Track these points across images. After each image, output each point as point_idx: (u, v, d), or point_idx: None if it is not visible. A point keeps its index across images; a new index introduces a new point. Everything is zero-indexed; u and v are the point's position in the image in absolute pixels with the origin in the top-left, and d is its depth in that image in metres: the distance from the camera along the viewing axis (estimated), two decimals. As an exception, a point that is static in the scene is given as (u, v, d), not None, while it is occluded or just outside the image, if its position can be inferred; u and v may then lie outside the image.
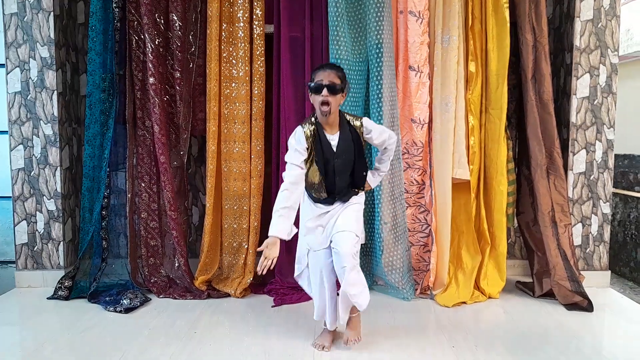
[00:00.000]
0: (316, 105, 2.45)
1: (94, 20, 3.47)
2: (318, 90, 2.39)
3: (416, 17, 3.38)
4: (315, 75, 2.44)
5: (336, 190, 2.56)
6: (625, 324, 3.08)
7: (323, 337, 2.70)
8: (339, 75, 2.44)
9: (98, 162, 3.55)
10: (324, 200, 2.59)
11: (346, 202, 2.62)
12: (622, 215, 4.83)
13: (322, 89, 2.38)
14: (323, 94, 2.38)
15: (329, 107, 2.41)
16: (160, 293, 3.45)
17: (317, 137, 2.48)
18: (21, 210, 3.64)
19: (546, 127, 3.46)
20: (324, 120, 2.48)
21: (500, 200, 3.47)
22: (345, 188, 2.59)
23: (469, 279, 3.44)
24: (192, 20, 3.56)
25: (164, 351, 2.62)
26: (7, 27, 3.55)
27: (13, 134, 3.60)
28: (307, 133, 2.47)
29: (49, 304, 3.34)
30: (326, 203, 2.60)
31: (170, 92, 3.59)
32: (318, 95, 2.40)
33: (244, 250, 3.63)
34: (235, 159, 3.59)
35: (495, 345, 2.73)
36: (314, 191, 2.59)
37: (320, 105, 2.41)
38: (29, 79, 3.57)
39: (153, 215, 3.62)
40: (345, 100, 3.32)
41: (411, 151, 3.49)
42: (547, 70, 3.44)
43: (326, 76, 2.40)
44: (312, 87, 2.42)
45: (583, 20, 3.58)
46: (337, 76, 2.43)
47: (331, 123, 2.51)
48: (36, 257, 3.66)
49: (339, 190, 2.57)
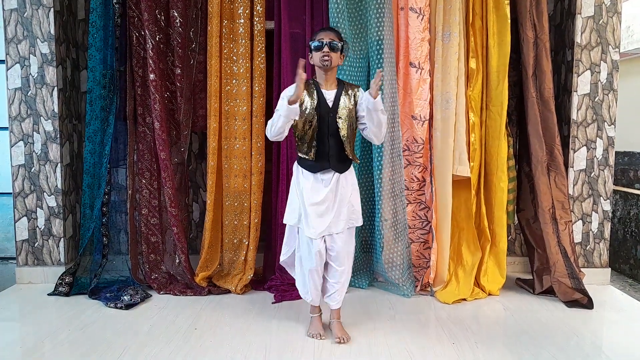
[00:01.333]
0: (317, 61, 2.61)
1: (95, 17, 3.47)
2: (319, 47, 2.58)
3: (417, 13, 3.38)
4: (317, 35, 2.63)
5: (329, 152, 2.62)
6: (625, 321, 3.09)
7: (316, 326, 2.78)
8: (339, 37, 2.64)
9: (98, 159, 3.55)
10: (320, 165, 2.63)
11: (342, 172, 2.67)
12: (622, 212, 4.83)
13: (324, 46, 2.57)
14: (324, 50, 2.57)
15: (329, 60, 2.57)
16: (161, 289, 3.45)
17: (314, 90, 2.63)
18: (22, 206, 3.64)
19: (547, 124, 3.46)
20: (322, 77, 2.65)
21: (501, 197, 3.47)
22: (338, 151, 2.64)
23: (469, 276, 3.45)
24: (192, 17, 3.55)
25: (165, 347, 2.62)
26: (7, 23, 3.54)
27: (13, 130, 3.60)
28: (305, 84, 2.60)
29: (50, 300, 3.34)
30: (322, 169, 2.64)
31: (170, 88, 3.59)
32: (319, 52, 2.58)
33: (244, 247, 3.63)
34: (236, 156, 3.59)
35: (495, 342, 2.74)
36: (306, 149, 2.64)
37: (322, 58, 2.58)
38: (29, 75, 3.57)
39: (154, 211, 3.62)
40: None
41: (412, 148, 3.49)
42: (548, 67, 3.44)
43: (327, 35, 2.59)
44: (314, 45, 2.60)
45: (584, 17, 3.57)
46: (337, 37, 2.62)
47: (329, 80, 2.65)
48: (37, 254, 3.66)
49: (332, 152, 2.62)
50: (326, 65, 2.58)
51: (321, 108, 2.62)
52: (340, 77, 3.30)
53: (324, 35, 2.59)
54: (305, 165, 2.68)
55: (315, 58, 2.61)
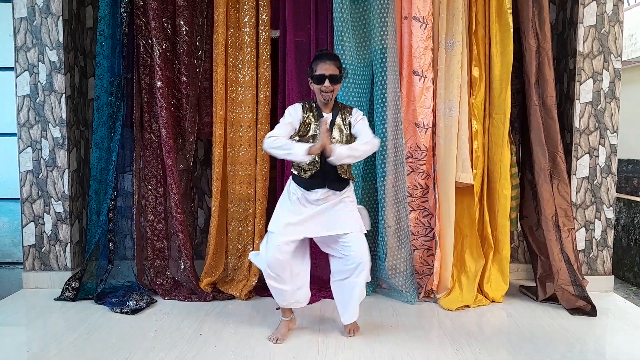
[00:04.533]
0: (316, 91, 2.69)
1: (103, 25, 3.52)
2: (320, 81, 2.63)
3: (420, 22, 3.41)
4: (317, 66, 2.65)
5: (325, 172, 2.67)
6: (628, 328, 3.09)
7: (279, 329, 2.82)
8: (338, 66, 2.68)
9: (105, 165, 3.59)
10: (314, 184, 2.68)
11: (337, 190, 2.71)
12: (626, 220, 4.84)
13: (325, 80, 2.62)
14: (325, 85, 2.62)
15: (331, 94, 2.67)
16: (166, 295, 3.48)
17: (314, 113, 2.70)
18: (29, 212, 3.68)
19: (549, 132, 3.48)
20: (321, 102, 2.71)
21: (504, 205, 3.49)
22: (333, 172, 2.69)
23: (472, 283, 3.46)
24: (198, 25, 3.60)
25: (170, 352, 2.65)
26: (17, 31, 3.60)
27: (22, 136, 3.65)
28: (305, 107, 2.72)
29: (56, 305, 3.37)
30: (317, 186, 2.68)
31: (177, 95, 3.64)
32: (320, 85, 2.63)
33: (249, 253, 3.65)
34: (241, 162, 3.62)
35: (498, 349, 2.75)
36: (303, 168, 2.69)
37: (322, 93, 2.65)
38: (37, 82, 3.62)
39: (159, 217, 3.66)
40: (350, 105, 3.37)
41: (415, 155, 3.51)
42: (551, 76, 3.46)
43: (327, 68, 2.62)
44: (315, 77, 2.64)
45: (586, 26, 3.60)
46: (337, 67, 2.66)
47: (328, 105, 2.73)
48: (43, 259, 3.70)
49: (327, 172, 2.67)
50: (327, 100, 2.68)
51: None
52: (344, 84, 3.35)
53: (324, 68, 2.62)
54: (300, 182, 2.73)
55: (316, 88, 2.67)
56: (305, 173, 2.69)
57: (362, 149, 2.61)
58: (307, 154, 2.49)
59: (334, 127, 2.69)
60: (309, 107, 2.71)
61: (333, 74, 2.62)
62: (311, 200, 2.71)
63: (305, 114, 2.69)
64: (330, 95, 2.66)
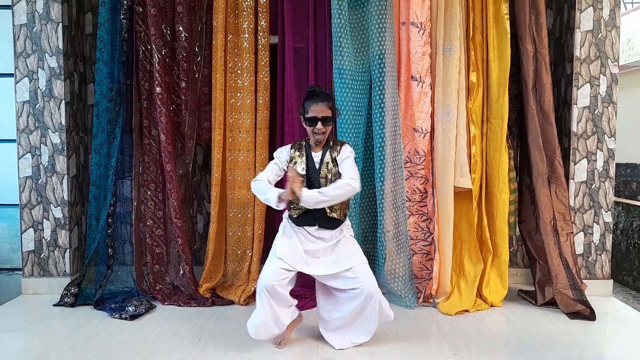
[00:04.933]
0: (309, 132, 2.68)
1: (102, 31, 3.54)
2: (313, 122, 2.62)
3: (418, 28, 3.44)
4: (309, 108, 2.62)
5: (316, 211, 2.63)
6: (627, 333, 3.09)
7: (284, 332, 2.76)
8: (330, 107, 2.65)
9: (105, 171, 3.60)
10: (304, 220, 2.66)
11: (330, 228, 2.68)
12: (624, 224, 4.84)
13: (317, 122, 2.60)
14: (318, 127, 2.61)
15: (323, 135, 2.66)
16: (165, 300, 3.48)
17: (303, 154, 2.70)
18: (28, 217, 3.68)
19: (547, 137, 3.49)
20: (312, 141, 2.71)
21: (502, 209, 3.50)
22: (325, 212, 2.65)
23: (471, 287, 3.46)
24: (197, 31, 3.62)
25: (169, 357, 2.65)
26: (16, 37, 3.62)
27: (21, 142, 3.66)
28: (295, 146, 2.74)
29: (55, 310, 3.37)
30: (307, 224, 2.67)
31: (176, 101, 3.65)
32: (312, 126, 2.62)
33: (248, 258, 3.66)
34: (240, 168, 3.63)
35: (497, 353, 2.75)
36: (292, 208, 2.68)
37: (315, 134, 2.65)
38: (37, 88, 3.64)
39: (158, 223, 3.66)
40: (348, 111, 3.38)
41: (413, 160, 3.52)
42: (548, 80, 3.48)
43: (319, 111, 2.60)
44: (306, 119, 2.63)
45: (583, 31, 3.62)
46: (329, 107, 2.64)
47: (319, 144, 2.72)
48: (42, 264, 3.70)
49: (318, 211, 2.64)
50: (319, 141, 2.67)
51: (309, 170, 2.68)
52: (343, 89, 3.37)
53: (317, 110, 2.59)
54: (292, 219, 2.72)
55: (308, 129, 2.67)
56: (294, 211, 2.68)
57: (331, 195, 2.51)
58: (279, 201, 2.50)
59: (322, 165, 2.67)
60: (298, 146, 2.72)
61: (325, 115, 2.60)
62: (306, 235, 2.69)
63: (293, 153, 2.70)
64: (323, 137, 2.65)
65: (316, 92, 2.67)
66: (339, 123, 3.38)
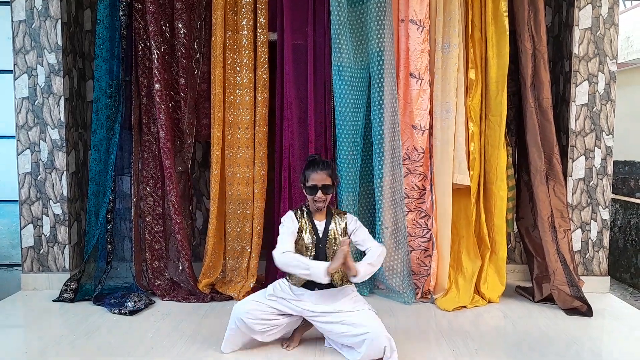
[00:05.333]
0: (310, 200, 2.68)
1: (101, 28, 3.54)
2: (313, 191, 2.64)
3: (417, 25, 3.44)
4: (309, 177, 2.64)
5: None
6: (624, 329, 3.11)
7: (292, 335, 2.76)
8: (330, 174, 2.67)
9: (104, 167, 3.60)
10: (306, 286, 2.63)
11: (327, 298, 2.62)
12: (622, 221, 4.86)
13: (317, 191, 2.63)
14: (318, 195, 2.63)
15: (324, 203, 2.67)
16: (164, 296, 3.49)
17: (307, 220, 2.69)
18: (28, 213, 3.69)
19: (545, 134, 3.50)
20: (314, 208, 2.70)
21: (500, 206, 3.51)
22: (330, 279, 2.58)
23: (469, 284, 3.48)
24: (197, 28, 3.62)
25: (168, 353, 2.66)
26: (15, 34, 3.62)
27: (20, 138, 3.66)
28: (298, 214, 2.71)
29: (55, 306, 3.38)
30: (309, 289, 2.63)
31: (175, 98, 3.66)
32: (313, 195, 2.64)
33: (247, 254, 3.67)
34: (239, 164, 3.64)
35: (495, 349, 2.76)
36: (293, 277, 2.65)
37: (315, 202, 2.65)
38: (36, 84, 3.64)
39: (158, 219, 3.67)
40: (347, 108, 3.39)
41: (412, 157, 3.53)
42: (546, 78, 3.49)
43: (319, 179, 2.63)
44: (307, 187, 2.66)
45: (582, 29, 3.63)
46: (329, 176, 2.65)
47: (322, 212, 2.72)
48: (42, 260, 3.71)
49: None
50: (320, 208, 2.67)
51: (314, 238, 2.65)
52: (342, 87, 3.38)
53: (317, 178, 2.61)
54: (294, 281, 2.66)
55: (309, 197, 2.67)
56: (296, 279, 2.64)
57: (379, 262, 2.62)
58: (326, 275, 2.43)
59: (328, 234, 2.65)
60: (301, 214, 2.69)
61: (325, 184, 2.61)
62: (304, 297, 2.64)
63: (300, 221, 2.66)
64: (323, 204, 2.65)
65: (316, 161, 2.70)
66: (338, 120, 3.39)
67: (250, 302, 2.65)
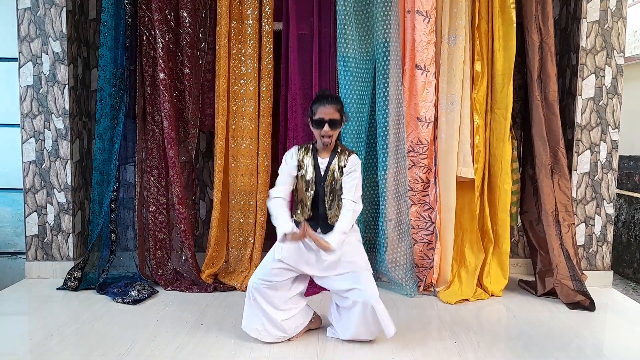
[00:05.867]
0: (317, 135, 2.60)
1: (106, 16, 3.52)
2: (320, 125, 2.54)
3: (423, 16, 3.41)
4: (317, 110, 2.55)
5: (319, 217, 2.61)
6: (627, 324, 3.11)
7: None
8: (338, 109, 2.57)
9: (108, 156, 3.61)
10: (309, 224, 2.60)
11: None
12: (626, 216, 4.85)
13: (324, 125, 2.53)
14: (325, 130, 2.54)
15: (330, 139, 2.58)
16: (167, 285, 3.50)
17: (310, 158, 2.63)
18: (32, 202, 3.70)
19: (551, 127, 3.48)
20: (320, 146, 2.64)
21: (505, 199, 3.50)
22: (326, 219, 2.61)
23: (472, 277, 3.48)
24: (202, 17, 3.60)
25: (171, 342, 2.67)
26: (20, 21, 3.61)
27: (25, 127, 3.66)
28: (301, 153, 2.65)
29: (58, 294, 3.40)
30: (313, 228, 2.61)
31: (179, 87, 3.65)
32: (320, 129, 2.55)
33: (250, 245, 3.68)
34: (243, 155, 3.64)
35: (497, 342, 2.77)
36: (300, 210, 2.64)
37: (322, 137, 2.57)
38: (41, 73, 3.63)
39: (161, 209, 3.68)
40: (352, 99, 3.37)
41: (416, 149, 3.52)
42: (553, 71, 3.46)
43: (327, 113, 2.53)
44: (314, 121, 2.56)
45: (589, 22, 3.60)
46: (337, 110, 2.56)
47: (327, 148, 2.64)
48: (46, 249, 3.73)
49: (321, 218, 2.61)
50: (326, 144, 2.59)
51: (316, 175, 2.63)
52: (347, 77, 3.36)
53: (324, 111, 2.52)
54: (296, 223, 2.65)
55: (315, 132, 2.59)
56: (297, 215, 2.64)
57: (348, 226, 2.55)
58: (283, 239, 2.49)
59: (328, 172, 2.61)
60: (305, 150, 2.65)
61: (333, 118, 2.52)
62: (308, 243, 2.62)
63: (300, 156, 2.63)
64: (329, 140, 2.57)
65: (325, 94, 2.62)
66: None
67: (259, 267, 2.67)
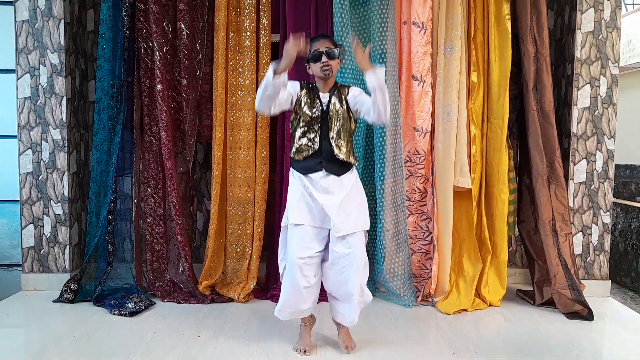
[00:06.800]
0: (317, 71, 2.57)
1: (104, 28, 3.54)
2: (317, 57, 2.54)
3: (419, 27, 3.44)
4: (312, 45, 2.56)
5: (322, 154, 2.57)
6: (625, 333, 3.11)
7: (303, 339, 2.72)
8: (333, 42, 2.61)
9: (105, 167, 3.60)
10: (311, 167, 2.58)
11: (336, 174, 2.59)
12: (623, 225, 4.86)
13: (321, 56, 2.53)
14: (323, 60, 2.53)
15: (330, 68, 2.55)
16: (165, 297, 3.49)
17: (312, 95, 2.62)
18: (28, 213, 3.69)
19: (547, 137, 3.50)
20: (321, 84, 2.62)
21: (502, 209, 3.51)
22: (330, 153, 2.57)
23: (470, 287, 3.47)
24: (199, 29, 3.62)
25: (168, 354, 2.66)
26: (18, 33, 3.62)
27: (22, 138, 3.66)
28: (304, 84, 2.64)
29: (55, 306, 3.38)
30: (314, 171, 2.58)
31: (177, 99, 3.66)
32: (318, 62, 2.54)
33: (247, 256, 3.67)
34: (240, 166, 3.64)
35: (496, 352, 2.76)
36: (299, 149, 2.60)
37: (322, 70, 2.55)
38: (38, 84, 3.64)
39: (158, 220, 3.67)
40: None
41: (413, 159, 3.53)
42: (549, 81, 3.49)
43: (322, 44, 2.55)
44: (311, 55, 2.55)
45: (584, 32, 3.63)
46: (332, 43, 2.59)
47: (327, 85, 2.63)
48: (42, 261, 3.71)
49: (324, 154, 2.57)
50: (327, 75, 2.55)
51: (319, 111, 2.60)
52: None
53: (319, 44, 2.54)
54: (298, 167, 2.64)
55: (315, 69, 2.57)
56: (300, 154, 2.59)
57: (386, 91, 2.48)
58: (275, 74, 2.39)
59: (330, 104, 2.59)
60: (306, 86, 2.63)
61: (329, 47, 2.53)
62: (313, 184, 2.59)
63: (302, 91, 2.61)
64: (329, 69, 2.53)
65: (317, 34, 2.67)
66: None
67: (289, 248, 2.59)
